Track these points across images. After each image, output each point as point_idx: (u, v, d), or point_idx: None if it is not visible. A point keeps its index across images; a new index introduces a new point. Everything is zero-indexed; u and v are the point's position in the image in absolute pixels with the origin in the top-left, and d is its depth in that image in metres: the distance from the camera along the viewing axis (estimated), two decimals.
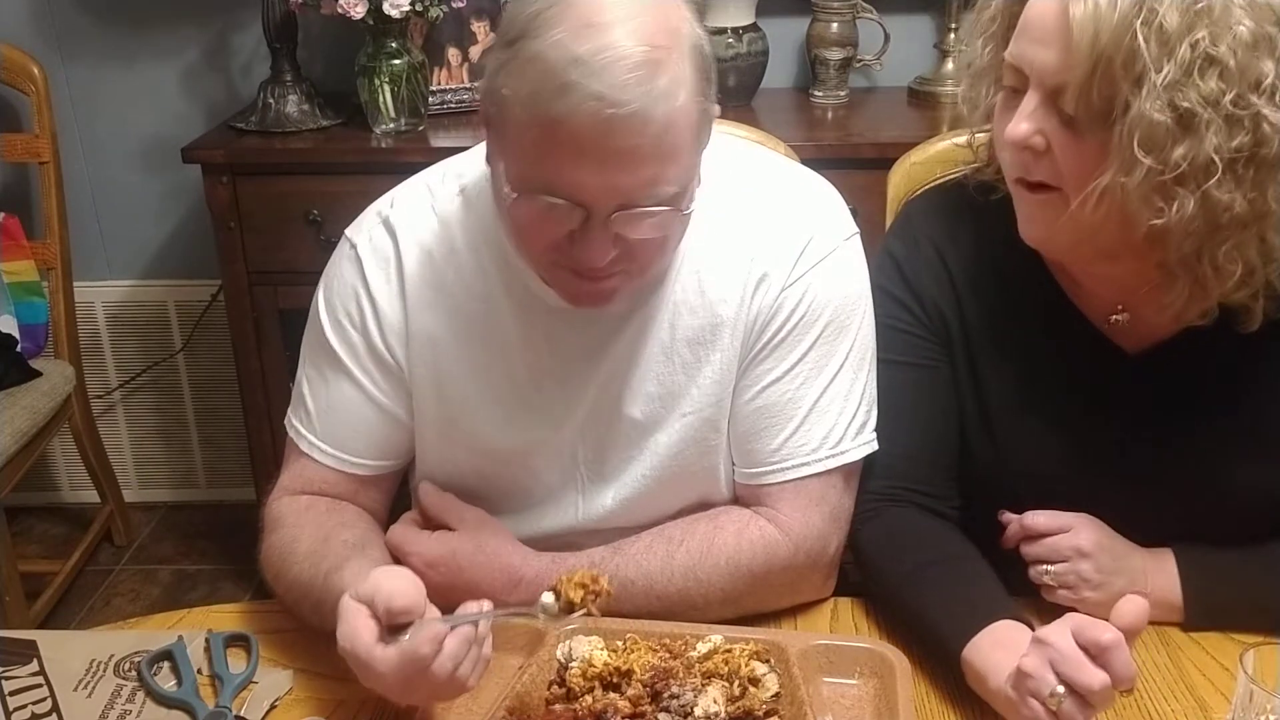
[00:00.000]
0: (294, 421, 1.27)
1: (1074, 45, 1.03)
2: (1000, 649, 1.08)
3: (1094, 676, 0.98)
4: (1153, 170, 1.03)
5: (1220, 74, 1.02)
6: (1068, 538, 1.18)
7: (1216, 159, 1.03)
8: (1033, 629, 1.09)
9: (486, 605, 1.01)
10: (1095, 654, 0.98)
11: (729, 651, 1.11)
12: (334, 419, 1.24)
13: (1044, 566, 1.19)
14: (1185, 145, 1.03)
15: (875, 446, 1.24)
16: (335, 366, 1.23)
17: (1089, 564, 1.17)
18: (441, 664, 0.97)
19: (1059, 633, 1.01)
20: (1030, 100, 1.09)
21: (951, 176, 1.34)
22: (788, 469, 1.22)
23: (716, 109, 1.10)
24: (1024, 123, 1.09)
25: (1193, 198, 1.04)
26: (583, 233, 1.05)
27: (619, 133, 0.99)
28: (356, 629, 0.97)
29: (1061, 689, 0.99)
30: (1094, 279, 1.23)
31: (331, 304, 1.23)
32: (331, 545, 1.16)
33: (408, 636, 0.96)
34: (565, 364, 1.21)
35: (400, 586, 0.96)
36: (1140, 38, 1.01)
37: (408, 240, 1.21)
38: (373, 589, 0.97)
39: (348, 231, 1.25)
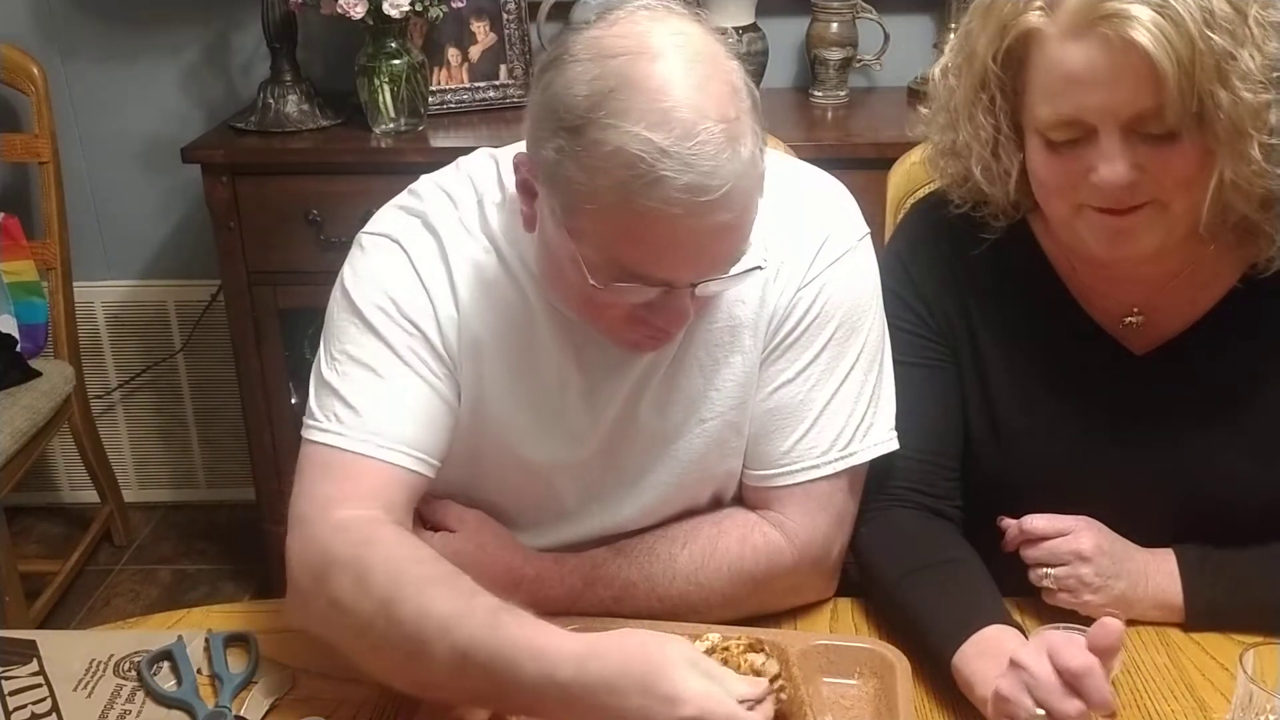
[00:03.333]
0: (332, 428, 1.12)
1: (1156, 69, 1.04)
2: (985, 657, 1.08)
3: (1069, 705, 0.98)
4: (1264, 144, 1.06)
5: (1276, 31, 1.06)
6: (1067, 541, 1.18)
7: None
8: (1024, 633, 1.09)
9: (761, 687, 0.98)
10: (1069, 680, 0.98)
11: (726, 650, 1.11)
12: (391, 411, 1.13)
13: (1044, 570, 1.19)
14: (1278, 104, 1.06)
15: (886, 448, 1.23)
16: (389, 356, 1.14)
17: (1089, 568, 1.17)
18: None
19: (1035, 656, 1.00)
20: (1109, 140, 1.09)
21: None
22: (797, 471, 1.21)
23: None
24: (1118, 163, 1.09)
25: None
26: (663, 304, 1.05)
27: (711, 214, 0.98)
28: (725, 701, 0.93)
29: (1040, 712, 0.99)
30: (1115, 282, 1.23)
31: (377, 296, 1.15)
32: (481, 597, 1.00)
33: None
34: (590, 378, 1.19)
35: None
36: (1212, 38, 1.03)
37: (447, 237, 1.17)
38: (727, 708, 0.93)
39: (377, 229, 1.19)
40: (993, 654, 1.07)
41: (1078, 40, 1.08)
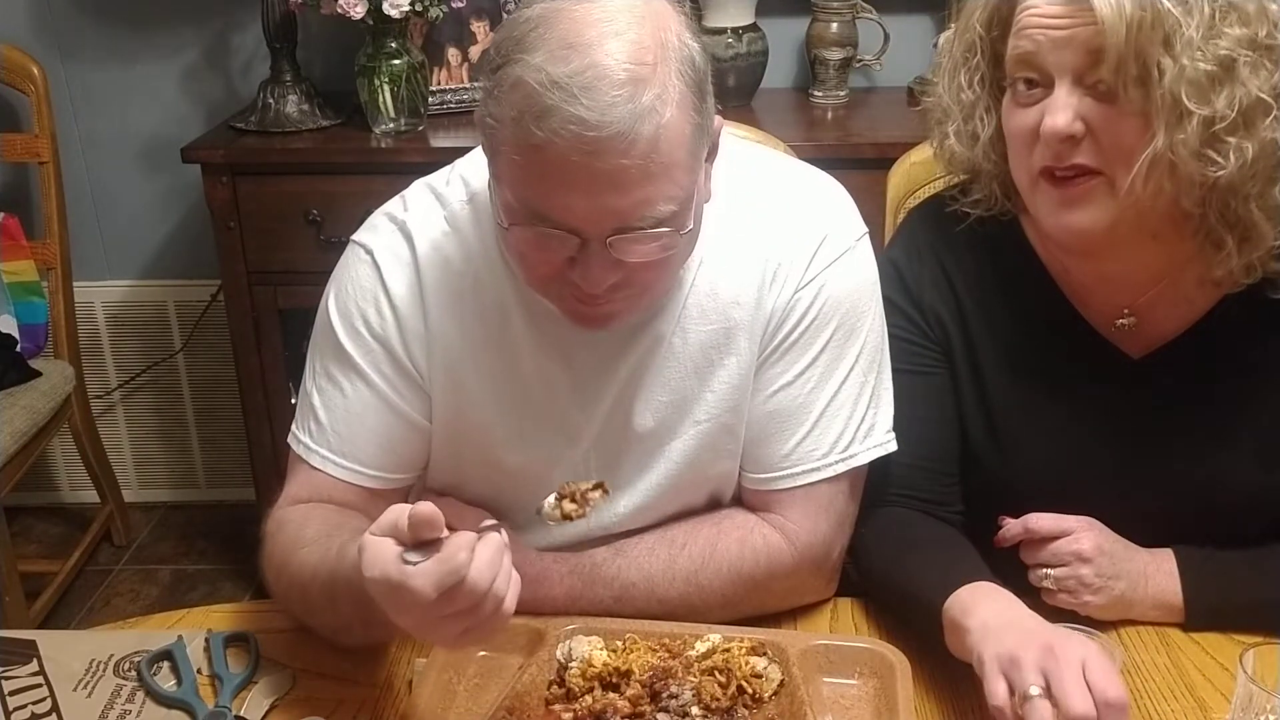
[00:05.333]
0: (301, 437, 1.22)
1: (1100, 19, 1.06)
2: (983, 597, 1.08)
3: (1081, 704, 0.94)
4: (1203, 121, 1.06)
5: (1240, 18, 1.06)
6: (1068, 542, 1.18)
7: (1268, 98, 1.07)
8: None
9: (491, 521, 0.97)
10: (1098, 704, 0.95)
11: (728, 650, 1.11)
12: (351, 429, 1.20)
13: (1044, 571, 1.19)
14: (1228, 90, 1.06)
15: (886, 449, 1.23)
16: (353, 374, 1.20)
17: (1089, 569, 1.17)
18: (479, 572, 0.91)
19: (1071, 663, 0.96)
20: (1060, 90, 1.11)
21: (954, 184, 1.33)
22: (798, 475, 1.21)
23: (719, 122, 1.09)
24: (1060, 113, 1.10)
25: (1249, 141, 1.07)
26: (581, 259, 1.03)
27: (603, 154, 0.97)
28: (384, 554, 0.92)
29: (1036, 690, 0.96)
30: (1105, 282, 1.23)
31: (347, 311, 1.20)
32: (344, 530, 1.11)
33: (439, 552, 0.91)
34: (578, 376, 1.19)
35: (421, 504, 0.93)
36: (1162, 2, 1.05)
37: (425, 247, 1.18)
38: (394, 516, 0.93)
39: (360, 238, 1.22)
40: (990, 595, 1.08)
41: None
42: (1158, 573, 1.19)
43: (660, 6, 1.03)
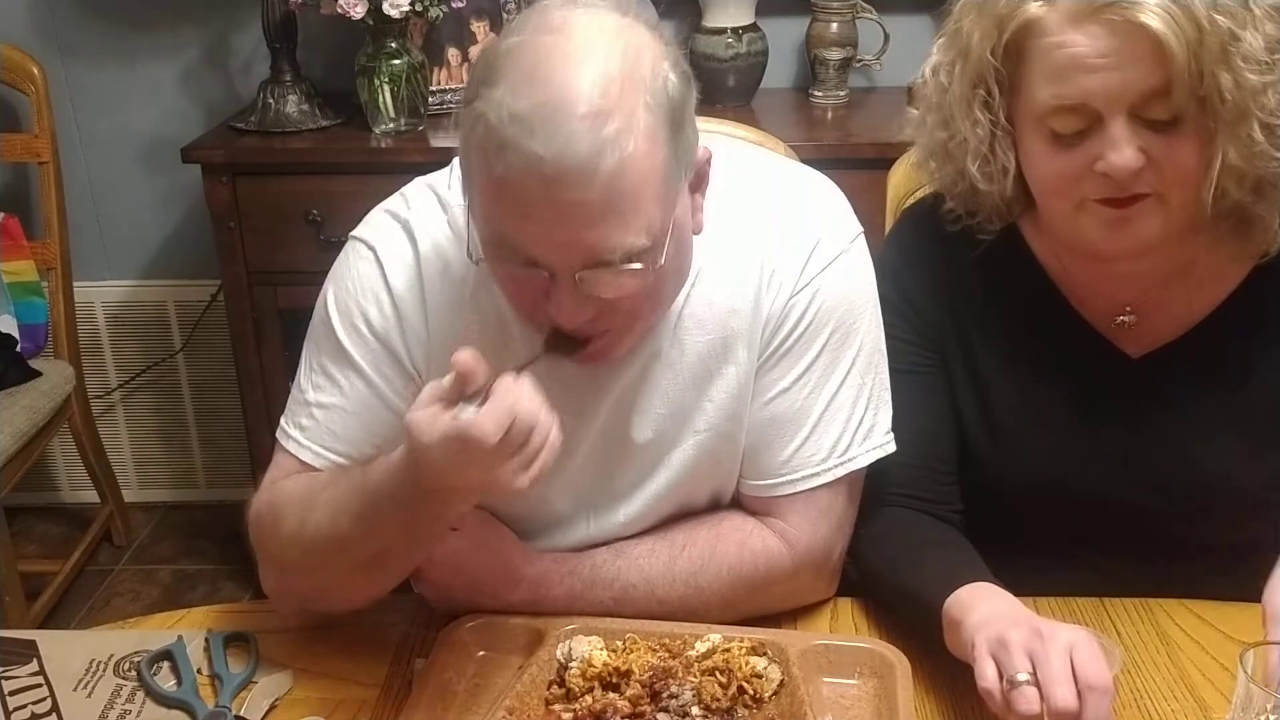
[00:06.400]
0: (292, 432, 1.21)
1: (1164, 51, 1.04)
2: (982, 598, 1.08)
3: (1063, 695, 0.94)
4: (1263, 124, 1.07)
5: (1271, 14, 1.08)
6: None
7: None
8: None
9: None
10: (1081, 688, 0.95)
11: (728, 651, 1.11)
12: (346, 428, 1.19)
13: None
14: (1275, 87, 1.07)
15: (885, 450, 1.22)
16: (351, 372, 1.18)
17: None
18: (526, 407, 0.95)
19: (1058, 649, 0.97)
20: (1116, 125, 1.08)
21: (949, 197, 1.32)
22: (797, 480, 1.20)
23: (706, 152, 1.08)
24: (1126, 149, 1.08)
25: None
26: (553, 291, 1.02)
27: (562, 188, 0.95)
28: (436, 418, 0.95)
29: (1024, 677, 0.96)
30: (1107, 282, 1.23)
31: (347, 308, 1.18)
32: (354, 467, 1.13)
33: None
34: (571, 391, 1.17)
35: (461, 354, 0.94)
36: (1217, 19, 1.05)
37: (427, 247, 1.17)
38: (431, 390, 0.96)
39: (362, 234, 1.21)
40: (989, 596, 1.07)
41: (1081, 26, 1.08)
42: None
43: (636, 37, 1.01)
